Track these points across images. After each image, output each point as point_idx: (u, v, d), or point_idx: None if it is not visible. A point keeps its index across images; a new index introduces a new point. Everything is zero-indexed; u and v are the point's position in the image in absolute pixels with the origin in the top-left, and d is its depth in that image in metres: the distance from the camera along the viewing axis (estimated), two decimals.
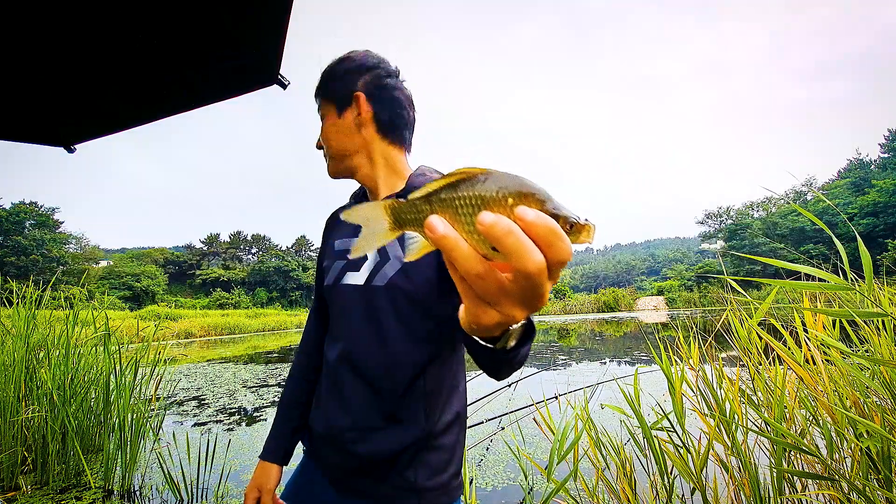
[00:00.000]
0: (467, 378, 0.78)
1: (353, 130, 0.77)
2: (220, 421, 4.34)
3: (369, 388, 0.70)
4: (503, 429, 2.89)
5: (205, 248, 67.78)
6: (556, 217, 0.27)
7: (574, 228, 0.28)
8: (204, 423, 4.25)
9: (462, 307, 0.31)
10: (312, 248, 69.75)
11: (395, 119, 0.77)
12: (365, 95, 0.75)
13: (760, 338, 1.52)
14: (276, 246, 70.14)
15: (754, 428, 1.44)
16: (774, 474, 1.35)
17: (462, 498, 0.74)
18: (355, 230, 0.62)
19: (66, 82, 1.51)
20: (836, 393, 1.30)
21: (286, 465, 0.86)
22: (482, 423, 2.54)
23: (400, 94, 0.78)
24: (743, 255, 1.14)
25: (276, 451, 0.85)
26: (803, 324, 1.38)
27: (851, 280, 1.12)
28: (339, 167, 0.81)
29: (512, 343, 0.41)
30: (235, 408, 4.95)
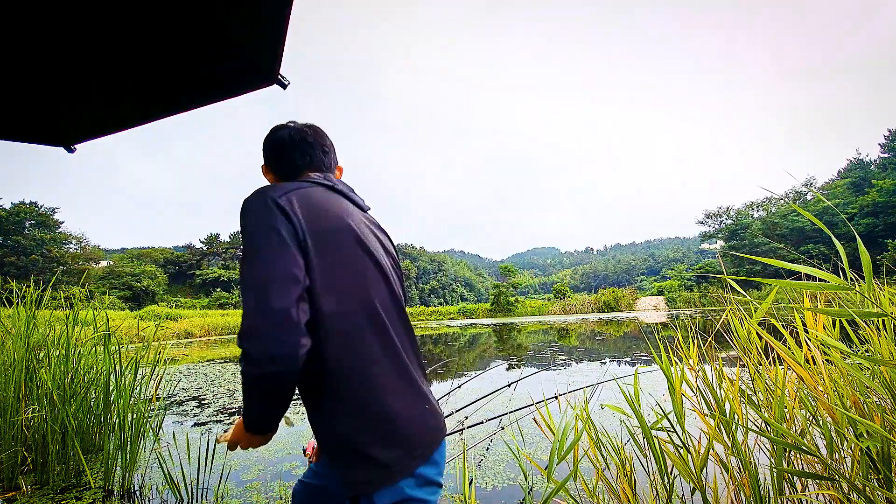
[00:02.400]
0: (468, 377, 0.78)
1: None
2: (221, 421, 4.34)
3: None
4: (503, 429, 2.89)
5: (205, 248, 67.79)
6: None
7: None
8: (204, 423, 4.25)
9: None
10: None
11: (276, 161, 0.97)
12: (265, 168, 1.00)
13: (760, 338, 1.52)
14: None
15: (754, 428, 1.44)
16: (774, 474, 1.35)
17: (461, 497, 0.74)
18: None
19: (66, 82, 1.51)
20: (836, 393, 1.30)
21: None
22: (482, 422, 2.54)
23: (277, 144, 0.96)
24: (743, 255, 1.14)
25: None
26: (803, 324, 1.38)
27: (851, 280, 1.12)
28: None
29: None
30: (235, 408, 4.95)
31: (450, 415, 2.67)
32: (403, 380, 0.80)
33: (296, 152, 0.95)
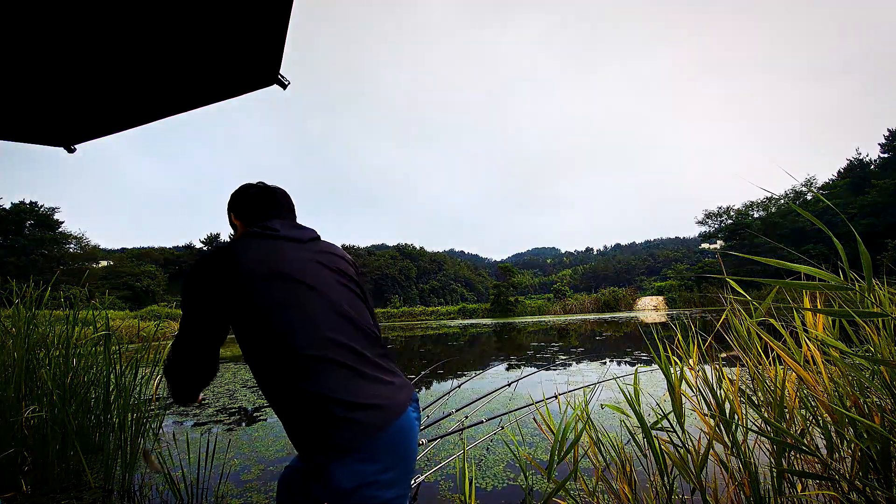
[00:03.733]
0: (468, 377, 0.78)
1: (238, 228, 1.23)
2: (220, 421, 4.34)
3: None
4: (503, 429, 2.89)
5: (205, 248, 67.81)
6: None
7: None
8: (204, 423, 4.25)
9: None
10: None
11: (245, 210, 1.18)
12: (233, 217, 1.23)
13: (760, 338, 1.52)
14: None
15: (754, 428, 1.44)
16: (774, 474, 1.35)
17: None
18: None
19: (66, 82, 1.51)
20: (836, 393, 1.30)
21: None
22: (482, 422, 2.53)
23: (249, 194, 1.19)
24: (742, 254, 1.14)
25: None
26: (803, 324, 1.38)
27: (851, 280, 1.12)
28: None
29: None
30: (235, 408, 4.95)
31: (450, 414, 2.67)
32: (344, 374, 0.94)
33: (267, 203, 1.17)
